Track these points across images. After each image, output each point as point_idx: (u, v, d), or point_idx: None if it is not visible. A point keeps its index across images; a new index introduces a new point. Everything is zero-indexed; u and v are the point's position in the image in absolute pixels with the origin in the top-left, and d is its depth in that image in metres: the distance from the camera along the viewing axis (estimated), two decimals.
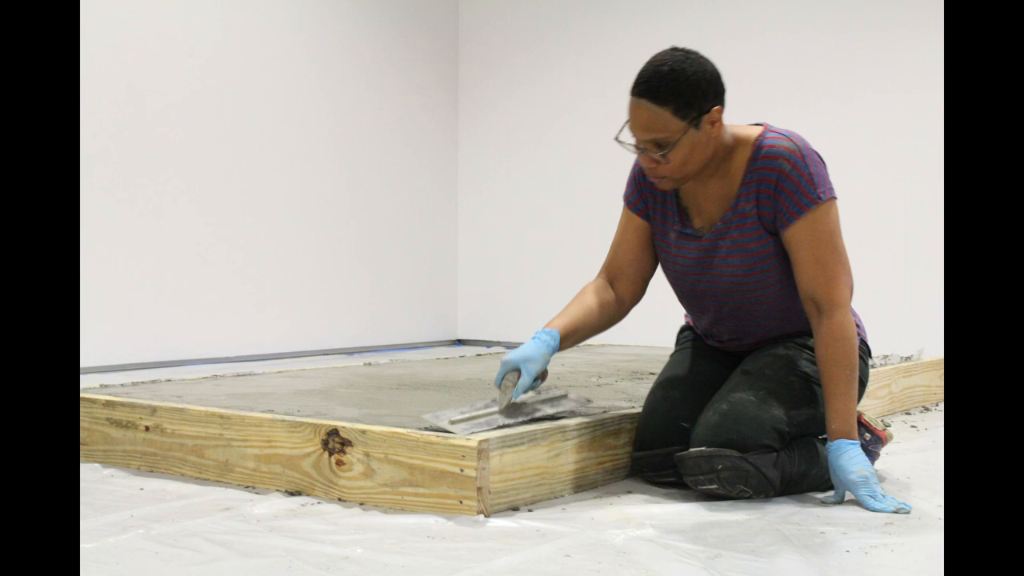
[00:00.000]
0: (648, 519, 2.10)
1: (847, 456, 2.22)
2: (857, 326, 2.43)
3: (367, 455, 2.21)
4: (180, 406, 2.51)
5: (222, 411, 2.45)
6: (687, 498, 2.27)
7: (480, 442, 2.09)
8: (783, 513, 2.16)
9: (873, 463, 2.44)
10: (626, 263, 2.51)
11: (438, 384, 3.01)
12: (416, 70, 6.60)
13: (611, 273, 2.53)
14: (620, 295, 2.51)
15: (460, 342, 6.89)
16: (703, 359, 2.55)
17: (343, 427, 2.25)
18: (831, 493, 2.29)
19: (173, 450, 2.51)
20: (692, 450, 2.26)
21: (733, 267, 2.37)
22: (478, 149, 6.84)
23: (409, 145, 6.57)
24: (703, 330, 2.58)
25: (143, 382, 3.03)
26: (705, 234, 2.39)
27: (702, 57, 2.30)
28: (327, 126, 6.05)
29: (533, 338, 2.35)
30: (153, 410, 2.54)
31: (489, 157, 6.81)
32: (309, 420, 2.32)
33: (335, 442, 2.26)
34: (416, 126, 6.62)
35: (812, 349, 2.41)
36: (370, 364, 3.59)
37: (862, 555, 1.87)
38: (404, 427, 2.23)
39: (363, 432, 2.22)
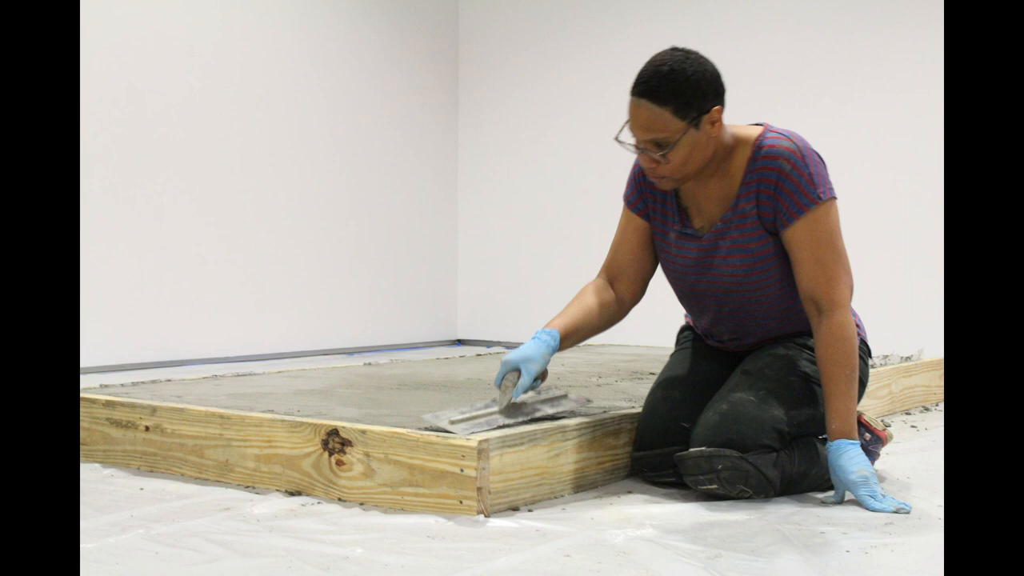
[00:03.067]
0: (648, 519, 2.10)
1: (847, 456, 2.22)
2: (857, 326, 2.43)
3: (367, 455, 2.21)
4: (180, 406, 2.51)
5: (222, 411, 2.44)
6: (687, 498, 2.27)
7: (480, 442, 2.09)
8: (783, 513, 2.16)
9: (873, 463, 2.44)
10: (626, 263, 2.51)
11: (438, 384, 3.01)
12: (416, 70, 6.60)
13: (611, 273, 2.53)
14: (620, 295, 2.51)
15: (460, 342, 6.89)
16: (703, 359, 2.55)
17: (343, 427, 2.25)
18: (831, 493, 2.29)
19: (173, 450, 2.51)
20: (692, 450, 2.27)
21: (733, 267, 2.37)
22: (478, 149, 6.84)
23: (409, 145, 6.57)
24: (703, 330, 2.57)
25: (143, 382, 3.03)
26: (705, 234, 2.39)
27: (702, 57, 2.30)
28: (327, 126, 6.05)
29: (533, 338, 2.35)
30: (153, 410, 2.54)
31: (489, 157, 6.81)
32: (309, 420, 2.32)
33: (335, 442, 2.26)
34: (416, 126, 6.61)
35: (812, 349, 2.41)
36: (370, 364, 3.59)
37: (862, 555, 1.87)
38: (404, 427, 2.23)
39: (363, 432, 2.22)
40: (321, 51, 6.00)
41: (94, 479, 2.45)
